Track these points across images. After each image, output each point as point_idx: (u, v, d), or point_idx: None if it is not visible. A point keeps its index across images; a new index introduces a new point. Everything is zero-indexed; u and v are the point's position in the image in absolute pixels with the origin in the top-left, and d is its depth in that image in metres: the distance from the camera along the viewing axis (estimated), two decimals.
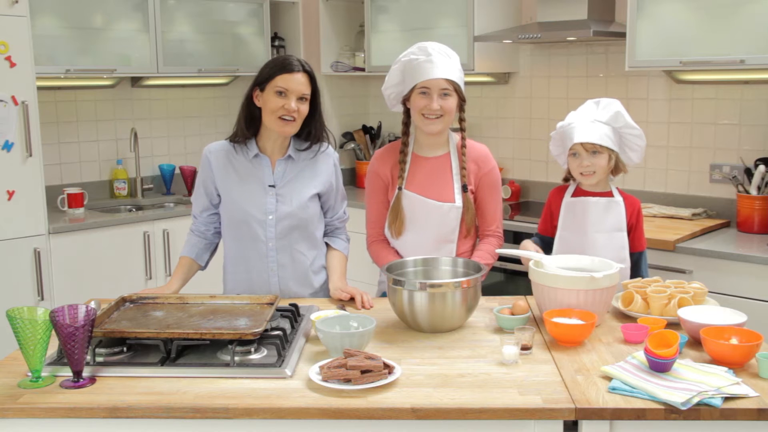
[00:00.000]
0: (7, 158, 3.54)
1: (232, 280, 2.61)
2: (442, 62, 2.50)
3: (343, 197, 2.70)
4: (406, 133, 2.66)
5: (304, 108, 2.46)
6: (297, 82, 2.42)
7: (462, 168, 2.60)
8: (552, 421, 1.68)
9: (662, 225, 3.54)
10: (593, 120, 2.51)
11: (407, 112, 2.64)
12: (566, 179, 2.65)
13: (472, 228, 2.64)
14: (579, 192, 2.61)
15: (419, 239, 2.60)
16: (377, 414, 1.67)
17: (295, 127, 2.47)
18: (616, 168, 2.56)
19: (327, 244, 2.67)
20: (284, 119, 2.43)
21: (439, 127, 2.56)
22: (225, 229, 2.59)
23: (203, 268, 2.66)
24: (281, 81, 2.41)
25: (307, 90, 2.45)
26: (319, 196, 2.58)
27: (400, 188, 2.61)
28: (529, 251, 2.41)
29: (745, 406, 1.66)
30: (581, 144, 2.49)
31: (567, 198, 2.61)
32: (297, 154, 2.56)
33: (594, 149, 2.49)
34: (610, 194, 2.58)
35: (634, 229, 2.57)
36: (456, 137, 2.67)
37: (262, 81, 2.46)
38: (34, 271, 3.65)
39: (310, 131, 2.54)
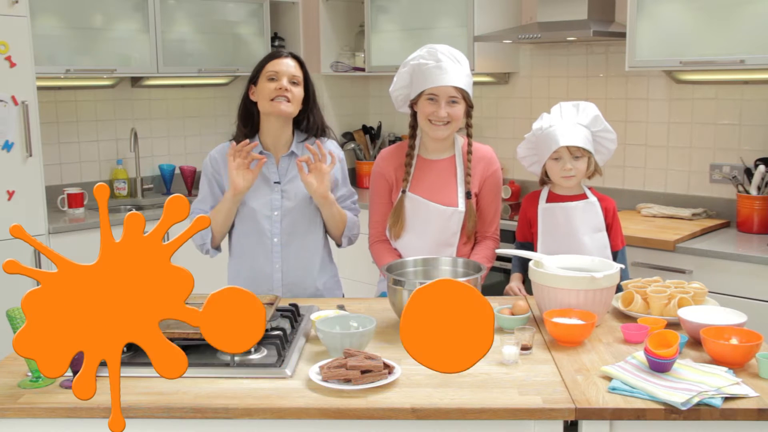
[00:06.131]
0: (7, 158, 3.54)
1: (235, 277, 2.61)
2: (452, 69, 2.48)
3: (350, 191, 2.69)
4: (412, 135, 2.65)
5: (298, 90, 2.51)
6: (286, 65, 2.50)
7: (467, 174, 2.60)
8: (552, 421, 1.68)
9: (662, 225, 3.54)
10: (575, 123, 2.50)
11: (414, 115, 2.62)
12: (543, 182, 2.64)
13: (473, 235, 2.63)
14: (553, 197, 2.60)
15: (420, 241, 2.59)
16: (377, 414, 1.67)
17: (292, 107, 2.50)
18: (594, 171, 2.56)
19: None
20: (279, 99, 2.48)
21: (445, 133, 2.55)
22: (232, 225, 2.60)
23: (218, 249, 2.62)
24: (271, 66, 2.50)
25: (297, 72, 2.52)
26: None
27: (404, 191, 2.61)
28: (528, 252, 2.41)
29: (745, 406, 1.66)
30: (566, 147, 2.48)
31: (542, 204, 2.60)
32: (299, 148, 2.58)
33: (578, 153, 2.49)
34: (584, 196, 2.57)
35: (611, 227, 2.56)
36: (461, 140, 2.66)
37: (254, 75, 2.54)
38: None
39: (309, 119, 2.59)
